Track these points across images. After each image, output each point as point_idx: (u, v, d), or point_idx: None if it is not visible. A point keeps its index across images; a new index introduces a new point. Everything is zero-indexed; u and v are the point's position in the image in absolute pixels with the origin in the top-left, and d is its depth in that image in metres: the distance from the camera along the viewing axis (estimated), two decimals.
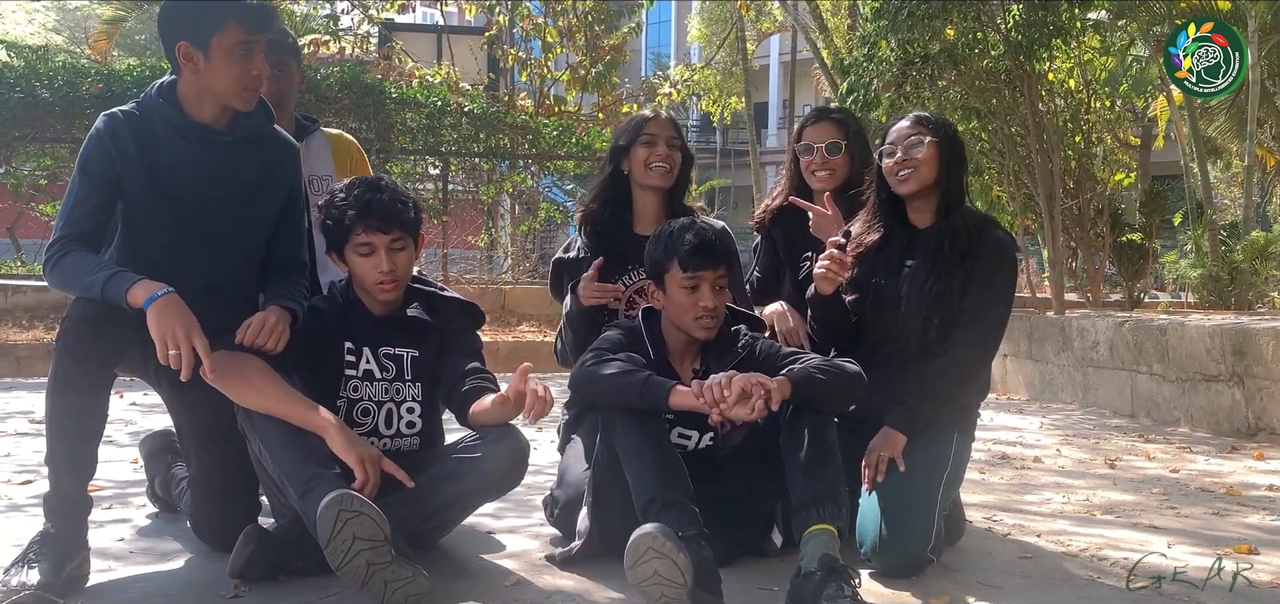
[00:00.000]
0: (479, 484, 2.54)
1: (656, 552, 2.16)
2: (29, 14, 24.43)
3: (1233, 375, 5.19)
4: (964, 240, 2.72)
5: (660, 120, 3.10)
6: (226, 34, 2.44)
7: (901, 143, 2.75)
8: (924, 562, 2.57)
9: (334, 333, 2.64)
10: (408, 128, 10.62)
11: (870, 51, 8.39)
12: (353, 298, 2.67)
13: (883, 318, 2.79)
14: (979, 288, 2.73)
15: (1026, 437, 5.24)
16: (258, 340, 2.42)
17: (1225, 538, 3.08)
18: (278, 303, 2.55)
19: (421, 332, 2.69)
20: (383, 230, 2.55)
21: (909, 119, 2.82)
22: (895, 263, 2.81)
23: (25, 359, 7.52)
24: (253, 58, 2.49)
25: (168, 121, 2.52)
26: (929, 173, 2.75)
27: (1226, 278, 8.40)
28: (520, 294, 10.22)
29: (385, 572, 2.16)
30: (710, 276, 2.58)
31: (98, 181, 2.47)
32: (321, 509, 2.15)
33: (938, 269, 2.73)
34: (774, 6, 20.17)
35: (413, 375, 2.67)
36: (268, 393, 2.40)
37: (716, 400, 2.35)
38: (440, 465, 2.56)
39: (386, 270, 2.56)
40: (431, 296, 2.73)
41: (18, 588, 2.19)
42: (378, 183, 2.62)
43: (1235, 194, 16.13)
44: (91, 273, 2.35)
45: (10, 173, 10.10)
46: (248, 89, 2.51)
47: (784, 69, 28.53)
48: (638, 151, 3.04)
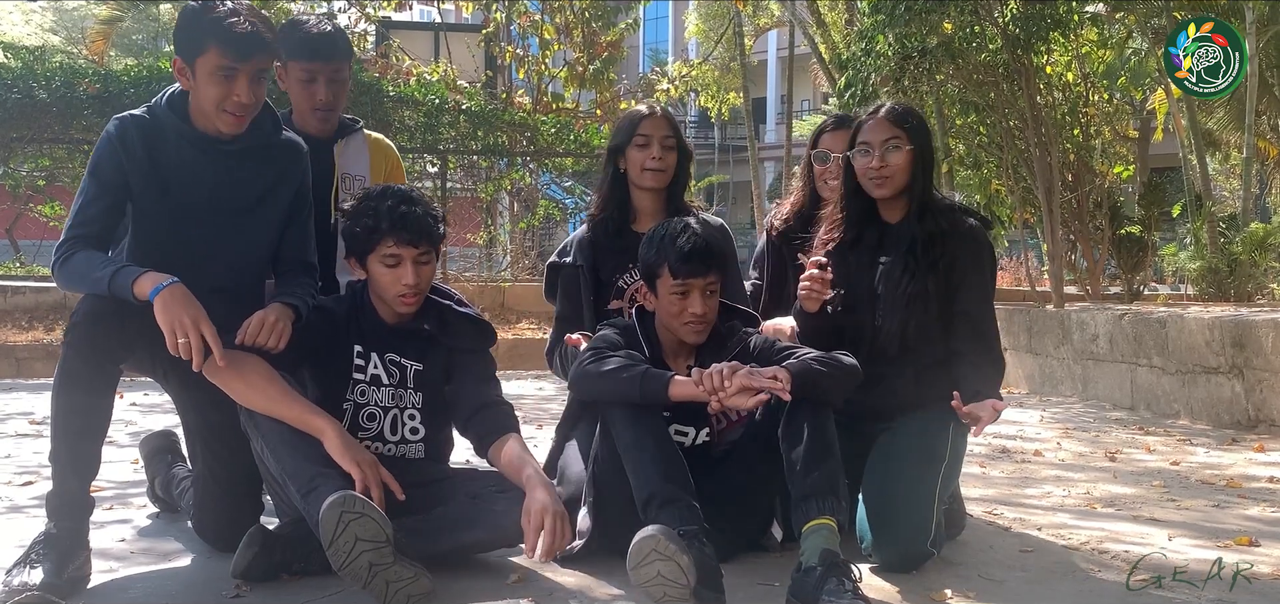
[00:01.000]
0: (496, 538, 2.52)
1: (660, 554, 2.17)
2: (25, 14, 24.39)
3: (1232, 367, 5.19)
4: (938, 245, 2.74)
5: (654, 119, 3.04)
6: (209, 57, 2.44)
7: (878, 145, 2.74)
8: (924, 555, 2.58)
9: (343, 334, 2.63)
10: (406, 126, 10.61)
11: (868, 46, 8.40)
12: (366, 302, 2.65)
13: (859, 315, 2.80)
14: (968, 290, 2.75)
15: (1027, 430, 5.24)
16: (258, 339, 2.42)
17: (1226, 530, 3.08)
18: (280, 300, 2.55)
19: (429, 346, 2.68)
20: (412, 244, 2.53)
21: (884, 116, 2.79)
22: (868, 261, 2.82)
23: (25, 360, 7.51)
24: (235, 82, 2.46)
25: (176, 129, 2.54)
26: (903, 178, 2.76)
27: (1226, 270, 8.41)
28: (519, 291, 10.22)
29: (387, 572, 2.16)
30: (700, 284, 2.58)
31: (107, 184, 2.48)
32: (324, 510, 2.15)
33: (911, 269, 2.74)
34: (771, 2, 20.15)
35: (414, 385, 2.67)
36: (268, 394, 2.40)
37: (716, 388, 2.35)
38: (458, 507, 2.53)
39: (410, 284, 2.55)
40: (445, 311, 2.69)
41: (20, 588, 2.20)
42: (411, 195, 2.59)
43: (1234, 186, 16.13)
44: (99, 268, 2.36)
45: (8, 174, 10.10)
46: (228, 113, 2.49)
47: (782, 64, 28.50)
48: (633, 153, 3.02)
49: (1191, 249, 9.12)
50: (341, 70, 3.15)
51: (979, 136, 8.73)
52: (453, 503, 2.55)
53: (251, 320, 2.45)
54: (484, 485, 2.59)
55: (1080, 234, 9.11)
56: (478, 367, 2.71)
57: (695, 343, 2.65)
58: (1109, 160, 9.79)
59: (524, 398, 6.26)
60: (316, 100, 3.09)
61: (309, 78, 3.07)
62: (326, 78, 3.09)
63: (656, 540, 2.18)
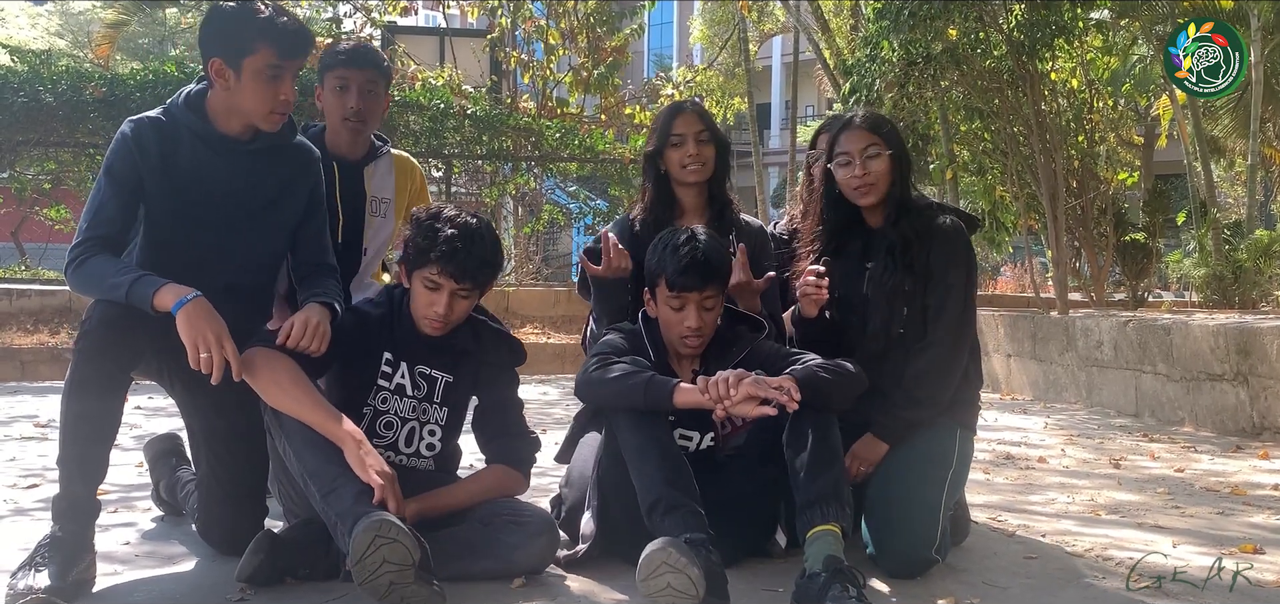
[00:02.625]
0: (508, 568, 2.51)
1: (670, 566, 2.17)
2: (31, 18, 24.49)
3: (1237, 375, 5.18)
4: (914, 245, 2.75)
5: (686, 116, 3.05)
6: (258, 57, 2.45)
7: (858, 155, 2.76)
8: (929, 562, 2.57)
9: (375, 340, 2.63)
10: (411, 130, 10.61)
11: (873, 52, 8.41)
12: (404, 311, 2.65)
13: (849, 321, 2.83)
14: (936, 283, 2.75)
15: (1031, 437, 5.24)
16: (302, 343, 2.43)
17: (1231, 538, 3.08)
18: (316, 300, 2.56)
19: (461, 359, 2.68)
20: (456, 279, 2.54)
21: (862, 124, 2.81)
22: (855, 266, 2.84)
23: (30, 363, 7.53)
24: (282, 82, 2.50)
25: (192, 130, 2.55)
26: (886, 183, 2.79)
27: (1230, 277, 8.40)
28: (524, 296, 10.22)
29: (405, 590, 2.16)
30: (696, 297, 2.57)
31: (121, 185, 2.49)
32: (358, 532, 2.14)
33: (895, 267, 2.76)
34: (776, 7, 20.16)
35: (442, 399, 2.67)
36: (295, 395, 2.39)
37: (721, 396, 2.35)
38: (468, 531, 2.52)
39: (441, 313, 2.55)
40: (480, 327, 2.70)
41: (25, 591, 2.20)
42: (476, 233, 2.55)
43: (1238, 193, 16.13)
44: (116, 276, 2.36)
45: (14, 177, 10.11)
46: (274, 112, 2.53)
47: (786, 70, 28.51)
48: (671, 154, 3.04)
49: (1196, 256, 9.11)
50: (375, 81, 3.22)
51: (983, 143, 8.72)
52: (463, 526, 2.53)
53: (294, 321, 2.45)
54: (497, 512, 2.56)
55: (1084, 240, 9.10)
56: (503, 380, 2.74)
57: (690, 355, 2.65)
58: (1113, 167, 9.78)
59: (528, 402, 6.26)
60: (347, 108, 3.17)
61: (341, 85, 3.16)
62: (358, 87, 3.17)
63: (666, 553, 2.18)
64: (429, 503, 2.49)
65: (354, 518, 2.21)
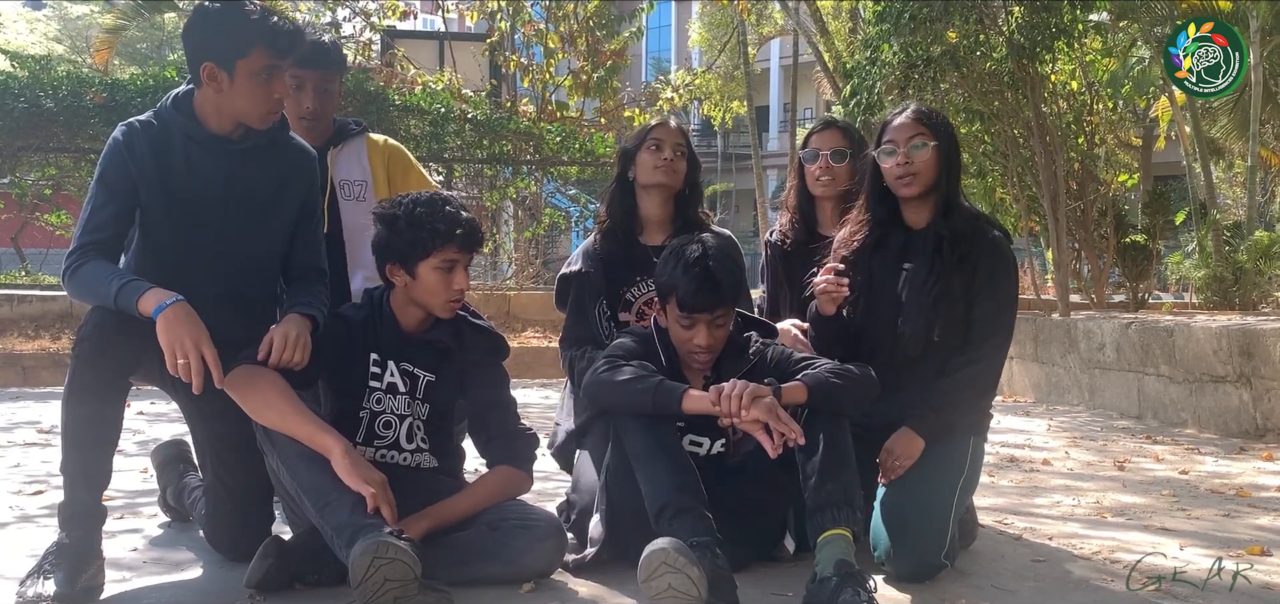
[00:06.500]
0: (512, 575, 2.50)
1: (670, 566, 2.17)
2: (30, 24, 24.48)
3: (1240, 376, 5.18)
4: (963, 244, 2.72)
5: (667, 127, 3.10)
6: (252, 59, 2.45)
7: (903, 143, 2.72)
8: (938, 566, 2.57)
9: (360, 343, 2.62)
10: (411, 134, 10.60)
11: (872, 55, 8.41)
12: (386, 310, 2.64)
13: (881, 321, 2.78)
14: (987, 296, 2.72)
15: (1034, 439, 5.24)
16: (283, 357, 2.41)
17: (1237, 540, 3.08)
18: (297, 310, 2.54)
19: (443, 358, 2.68)
20: (467, 250, 2.56)
21: (910, 115, 2.76)
22: (892, 265, 2.79)
23: (31, 368, 7.52)
24: (275, 81, 2.50)
25: (183, 131, 2.54)
26: (930, 176, 2.73)
27: (1230, 278, 8.40)
28: (524, 300, 10.21)
29: (411, 601, 2.16)
30: (707, 318, 2.57)
31: (115, 190, 2.48)
32: (356, 555, 2.14)
33: (937, 271, 2.72)
34: (775, 10, 20.19)
35: (423, 396, 2.66)
36: (280, 410, 2.38)
37: (733, 412, 2.35)
38: (476, 535, 2.51)
39: (463, 288, 2.57)
40: (460, 323, 2.69)
41: (34, 599, 2.20)
42: (461, 203, 2.61)
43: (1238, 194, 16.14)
44: (106, 282, 2.36)
45: (15, 183, 10.11)
46: (269, 112, 2.53)
47: (785, 73, 28.53)
48: (643, 156, 3.05)
49: (1196, 257, 9.11)
50: (330, 81, 3.19)
51: (983, 145, 8.71)
52: (471, 531, 2.53)
53: (273, 336, 2.43)
54: (504, 516, 2.55)
55: (1085, 242, 9.10)
56: (490, 375, 2.72)
57: (699, 370, 2.64)
58: (1113, 169, 9.79)
59: (529, 406, 6.25)
60: (303, 108, 3.13)
61: (297, 85, 3.10)
62: (314, 86, 3.14)
63: (666, 553, 2.18)
64: (437, 517, 2.48)
65: (351, 531, 2.21)
